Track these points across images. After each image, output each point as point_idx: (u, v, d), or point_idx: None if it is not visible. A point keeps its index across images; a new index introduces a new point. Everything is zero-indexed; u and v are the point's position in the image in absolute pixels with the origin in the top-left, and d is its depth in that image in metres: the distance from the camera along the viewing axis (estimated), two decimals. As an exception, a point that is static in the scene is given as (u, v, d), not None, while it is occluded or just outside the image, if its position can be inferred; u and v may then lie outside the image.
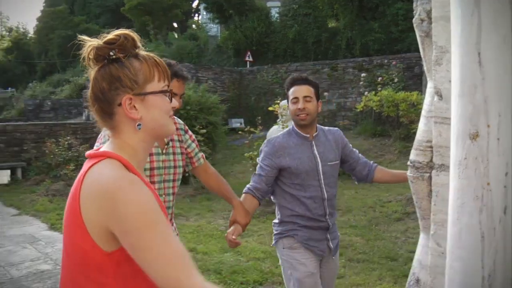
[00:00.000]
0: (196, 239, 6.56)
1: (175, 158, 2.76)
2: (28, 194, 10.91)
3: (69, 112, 22.93)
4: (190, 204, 9.03)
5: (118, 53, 1.47)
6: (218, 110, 11.93)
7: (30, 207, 9.44)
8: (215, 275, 5.05)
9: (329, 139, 2.99)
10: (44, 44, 43.46)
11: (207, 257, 5.70)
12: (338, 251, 3.07)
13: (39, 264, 5.93)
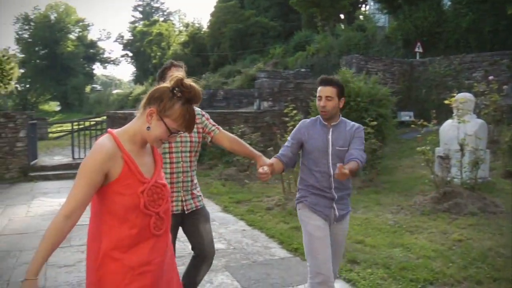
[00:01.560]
0: (364, 231, 6.53)
1: (191, 134, 3.50)
2: (202, 177, 11.67)
3: (240, 102, 23.89)
4: (357, 196, 8.99)
5: (177, 93, 2.19)
6: (389, 103, 11.67)
7: (205, 189, 10.07)
8: (383, 270, 4.99)
9: (347, 130, 3.58)
10: (216, 37, 45.82)
11: (375, 251, 5.64)
12: (345, 220, 3.67)
13: (214, 242, 6.33)
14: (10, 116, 12.87)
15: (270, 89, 15.20)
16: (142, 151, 2.29)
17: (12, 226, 7.50)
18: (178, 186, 3.50)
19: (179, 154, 3.49)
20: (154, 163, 2.36)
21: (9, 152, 12.65)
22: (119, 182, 2.15)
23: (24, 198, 9.88)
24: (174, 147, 3.46)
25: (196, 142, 3.58)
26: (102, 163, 2.10)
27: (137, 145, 2.25)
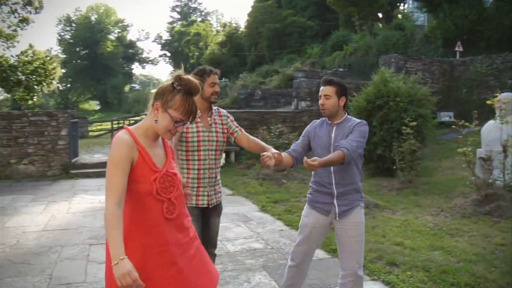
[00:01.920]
0: (403, 233, 6.43)
1: (217, 134, 3.82)
2: (240, 176, 11.74)
3: (278, 101, 23.90)
4: (396, 197, 8.88)
5: (177, 86, 2.48)
6: (428, 103, 11.48)
7: (242, 189, 10.12)
8: (423, 273, 4.89)
9: (347, 126, 3.71)
10: (254, 37, 45.90)
11: (414, 253, 5.54)
12: (352, 217, 3.70)
13: (252, 242, 6.34)
14: (53, 115, 13.18)
15: (308, 89, 15.17)
16: (155, 144, 2.59)
17: (54, 222, 7.68)
18: (204, 182, 3.77)
19: (206, 153, 3.76)
20: (165, 155, 2.65)
21: (51, 150, 12.97)
22: (135, 171, 2.44)
23: (66, 195, 10.10)
24: (202, 145, 3.74)
25: (221, 141, 3.87)
26: (128, 152, 2.41)
27: (150, 138, 2.54)
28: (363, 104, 11.36)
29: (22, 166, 12.83)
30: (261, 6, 45.31)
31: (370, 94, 11.37)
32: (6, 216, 8.11)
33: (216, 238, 4.08)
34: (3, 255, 5.88)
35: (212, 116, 3.86)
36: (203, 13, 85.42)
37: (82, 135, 22.29)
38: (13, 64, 25.02)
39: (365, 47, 26.47)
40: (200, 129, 3.75)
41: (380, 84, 11.34)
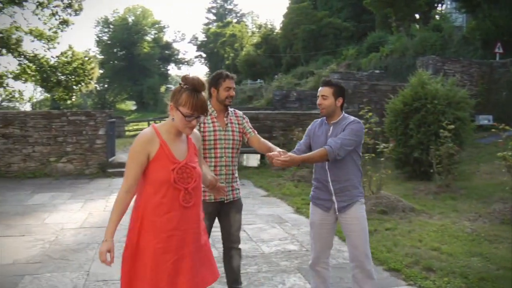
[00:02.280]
0: (440, 238, 6.31)
1: (233, 134, 4.06)
2: (275, 177, 11.71)
3: (313, 103, 23.68)
4: (433, 201, 8.73)
5: (184, 85, 2.78)
6: (467, 105, 11.26)
7: (277, 190, 10.10)
8: (461, 279, 4.79)
9: (342, 125, 3.83)
10: (289, 38, 45.84)
11: (452, 259, 5.43)
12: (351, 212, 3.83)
13: (287, 244, 6.31)
14: (91, 115, 13.43)
15: (344, 91, 15.05)
16: (177, 139, 2.87)
17: (92, 219, 7.82)
18: (221, 178, 3.92)
19: (223, 150, 4.00)
20: (187, 150, 2.91)
21: (89, 149, 13.21)
22: (156, 161, 2.76)
23: (102, 193, 10.28)
24: (219, 144, 3.98)
25: (237, 140, 4.10)
26: (144, 146, 2.75)
27: (172, 134, 2.85)
28: (400, 106, 11.22)
29: (61, 164, 13.11)
30: (296, 7, 45.26)
31: (407, 96, 11.22)
32: (45, 213, 8.30)
33: (239, 233, 4.22)
34: (42, 251, 6.01)
35: (229, 117, 4.11)
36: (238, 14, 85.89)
37: (119, 134, 22.64)
38: (53, 65, 25.58)
39: (401, 48, 26.14)
40: (217, 129, 4.00)
41: (418, 86, 11.18)
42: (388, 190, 8.93)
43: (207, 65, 78.91)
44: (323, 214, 3.91)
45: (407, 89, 11.47)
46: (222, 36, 68.51)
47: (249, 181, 11.62)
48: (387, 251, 5.68)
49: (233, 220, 4.14)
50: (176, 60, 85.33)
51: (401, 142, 11.03)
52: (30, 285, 4.81)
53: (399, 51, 26.20)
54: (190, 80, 2.78)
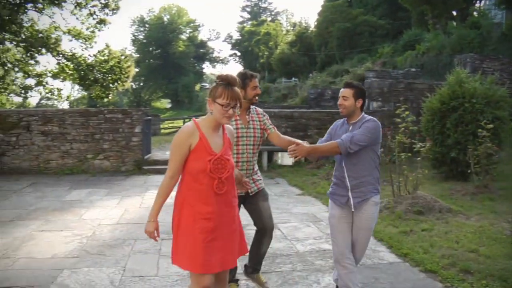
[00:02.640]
0: (477, 240, 6.17)
1: (254, 131, 4.32)
2: (309, 176, 11.67)
3: (348, 102, 23.61)
4: (470, 202, 8.56)
5: (219, 81, 3.20)
6: (506, 105, 10.96)
7: (312, 189, 10.06)
8: (499, 282, 4.67)
9: (360, 124, 4.02)
10: (324, 36, 45.58)
11: (490, 261, 5.30)
12: (364, 210, 4.02)
13: (321, 243, 6.28)
14: (127, 112, 13.62)
15: (380, 89, 14.88)
16: (215, 134, 3.25)
17: (128, 216, 7.93)
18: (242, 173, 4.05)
19: (244, 147, 4.27)
20: (223, 144, 3.27)
21: (125, 146, 13.41)
22: (195, 152, 3.15)
23: (138, 190, 10.42)
24: (241, 141, 4.24)
25: (258, 137, 4.37)
26: (186, 138, 3.15)
27: (211, 128, 3.22)
28: (437, 105, 11.02)
29: (98, 161, 13.35)
30: (331, 5, 44.94)
31: (444, 95, 11.01)
32: (83, 209, 8.46)
33: (271, 221, 4.48)
34: (80, 246, 6.13)
35: (250, 114, 4.37)
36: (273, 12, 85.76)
37: (154, 132, 22.89)
38: (91, 63, 26.00)
39: (438, 46, 25.69)
40: (239, 126, 4.25)
41: (455, 85, 10.96)
42: (424, 190, 8.81)
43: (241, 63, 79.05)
44: (341, 209, 4.12)
45: (444, 88, 11.25)
46: (256, 35, 68.54)
47: (283, 179, 11.62)
48: (424, 252, 5.60)
49: (263, 209, 4.42)
50: (210, 58, 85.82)
51: (438, 141, 10.84)
52: (68, 279, 4.92)
53: (435, 49, 25.76)
54: (224, 76, 3.23)
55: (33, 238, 6.50)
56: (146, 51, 76.15)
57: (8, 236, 6.59)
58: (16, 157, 13.09)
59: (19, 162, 13.10)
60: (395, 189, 8.37)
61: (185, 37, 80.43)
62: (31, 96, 42.92)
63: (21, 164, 13.10)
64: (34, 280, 4.86)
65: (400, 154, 8.28)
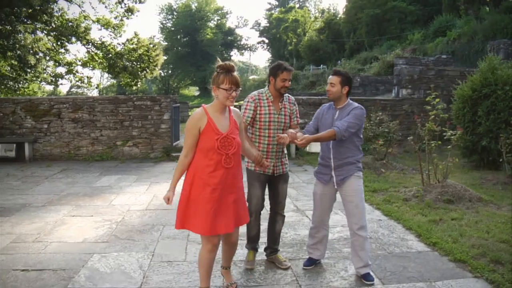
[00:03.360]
0: (509, 230, 6.04)
1: (285, 117, 4.73)
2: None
3: (377, 89, 23.37)
4: (502, 192, 8.39)
5: (219, 70, 3.71)
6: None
7: (340, 177, 9.97)
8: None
9: (347, 110, 4.52)
10: (352, 23, 45.15)
11: (523, 252, 5.23)
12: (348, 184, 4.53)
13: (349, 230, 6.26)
14: (156, 100, 13.72)
15: (410, 76, 14.68)
16: (222, 116, 3.80)
17: (156, 202, 8.01)
18: (272, 154, 4.69)
19: (275, 131, 4.65)
20: (229, 125, 3.80)
21: (154, 133, 13.52)
22: (204, 133, 3.71)
23: (167, 176, 10.50)
24: (272, 125, 4.65)
25: (288, 123, 4.76)
26: (195, 123, 3.72)
27: (218, 112, 3.79)
28: (468, 92, 10.82)
29: (127, 148, 13.50)
30: (361, -9, 44.38)
31: (476, 82, 10.79)
32: (112, 194, 8.58)
33: (284, 201, 4.94)
34: (110, 231, 6.22)
35: (283, 102, 4.75)
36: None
37: (183, 119, 22.96)
38: (120, 52, 26.20)
39: (470, 32, 25.20)
40: (272, 112, 4.65)
41: (488, 72, 10.72)
42: (454, 179, 8.69)
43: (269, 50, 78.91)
44: (324, 186, 4.68)
45: (476, 75, 11.04)
46: (284, 22, 68.24)
47: (311, 166, 11.57)
48: (453, 242, 5.52)
49: (281, 190, 4.85)
50: (238, 46, 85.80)
51: (469, 129, 10.66)
52: (98, 263, 5.00)
53: (467, 35, 25.27)
54: (223, 65, 3.73)
55: (64, 223, 6.63)
56: (174, 39, 76.46)
57: (40, 221, 6.73)
58: (47, 144, 13.34)
59: (50, 149, 13.34)
60: (425, 178, 8.28)
61: (213, 24, 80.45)
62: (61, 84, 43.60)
63: (52, 151, 13.34)
64: (65, 264, 4.95)
65: (430, 142, 8.18)
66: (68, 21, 24.81)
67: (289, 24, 66.71)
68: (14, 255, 5.24)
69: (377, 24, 40.37)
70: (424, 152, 8.35)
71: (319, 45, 50.88)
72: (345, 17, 49.12)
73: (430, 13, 37.10)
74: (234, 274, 4.62)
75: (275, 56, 72.03)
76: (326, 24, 54.08)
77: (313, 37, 54.48)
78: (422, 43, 31.16)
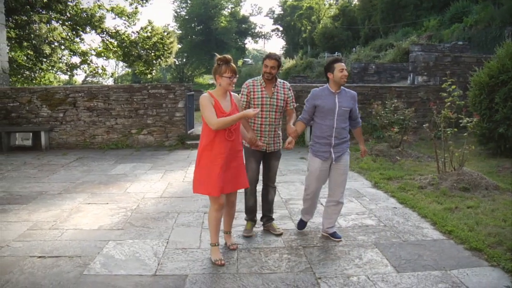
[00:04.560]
0: (526, 218, 6.01)
1: (277, 101, 5.37)
2: (353, 152, 11.42)
3: (392, 76, 23.15)
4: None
5: (220, 62, 4.52)
6: (560, 78, 10.53)
7: (355, 164, 9.93)
8: None
9: (347, 95, 5.22)
10: (367, 10, 44.68)
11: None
12: (343, 160, 5.24)
13: (364, 218, 6.23)
14: (171, 88, 13.74)
15: (425, 63, 14.52)
16: (224, 99, 4.62)
17: (171, 189, 8.05)
18: (265, 133, 5.37)
19: (267, 113, 5.35)
20: (230, 106, 4.64)
21: (168, 122, 13.56)
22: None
23: (181, 164, 10.54)
24: (265, 108, 5.33)
25: (281, 106, 5.41)
26: (208, 99, 4.52)
27: (220, 96, 4.61)
28: (485, 79, 10.68)
29: (142, 136, 13.56)
30: (375, -22, 43.88)
31: (494, 68, 10.64)
32: (127, 182, 8.64)
33: (275, 176, 5.65)
34: (125, 218, 6.27)
35: (276, 87, 5.39)
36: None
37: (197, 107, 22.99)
38: (134, 40, 26.29)
39: (487, 18, 24.80)
40: (264, 96, 5.33)
41: (505, 58, 10.55)
42: (470, 167, 8.61)
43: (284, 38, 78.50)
44: (322, 163, 5.23)
45: (493, 61, 10.88)
46: (299, 9, 67.78)
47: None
48: (469, 230, 5.47)
49: (272, 166, 5.57)
50: (253, 34, 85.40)
51: (486, 117, 10.53)
52: (114, 250, 5.04)
53: (484, 21, 24.88)
54: (223, 58, 4.54)
55: (80, 211, 6.69)
56: (188, 27, 76.34)
57: (57, 208, 6.79)
58: (63, 133, 13.44)
59: (66, 137, 13.45)
60: (440, 165, 8.21)
61: (227, 12, 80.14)
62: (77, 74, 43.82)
63: (68, 139, 13.45)
64: (81, 251, 5.00)
65: (445, 129, 8.10)
66: (83, 11, 24.91)
67: (304, 12, 66.28)
68: (31, 242, 5.31)
69: (392, 11, 39.88)
70: (440, 139, 8.28)
71: (333, 33, 50.49)
72: (360, 3, 48.61)
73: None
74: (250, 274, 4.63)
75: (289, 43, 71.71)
76: (341, 11, 53.66)
77: (327, 24, 54.09)
78: (438, 30, 30.77)
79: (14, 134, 13.04)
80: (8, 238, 5.48)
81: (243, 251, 5.01)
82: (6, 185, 8.52)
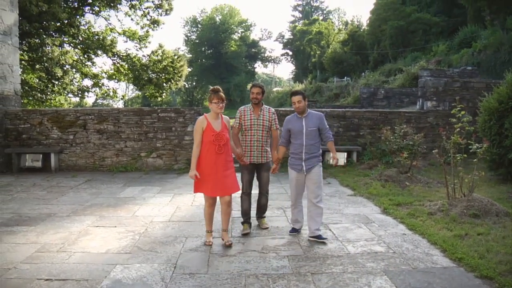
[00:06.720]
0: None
1: (263, 121, 6.70)
2: (361, 177, 11.48)
3: (401, 101, 23.16)
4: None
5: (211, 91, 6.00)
6: None
7: (364, 189, 9.88)
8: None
9: (314, 117, 6.38)
10: (376, 35, 44.97)
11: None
12: (313, 171, 6.32)
13: (373, 245, 6.16)
14: (180, 112, 13.81)
15: (434, 88, 14.52)
16: (216, 121, 5.89)
17: (179, 213, 8.04)
18: (254, 148, 6.67)
19: (256, 132, 6.68)
20: (220, 126, 5.88)
21: (177, 145, 13.61)
22: (206, 131, 5.83)
23: (190, 188, 10.43)
24: (253, 127, 6.68)
25: (266, 126, 6.74)
26: (200, 124, 5.83)
27: (213, 118, 5.89)
28: (495, 104, 10.65)
29: (151, 159, 13.60)
30: (384, 3, 44.29)
31: (503, 94, 10.62)
32: (136, 205, 8.64)
33: (267, 185, 6.96)
34: (133, 242, 6.26)
35: (262, 112, 6.76)
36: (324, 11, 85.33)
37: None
38: (145, 64, 26.50)
39: (496, 43, 24.87)
40: (252, 117, 6.71)
41: (515, 84, 10.55)
42: (480, 193, 8.54)
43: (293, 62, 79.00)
44: (297, 174, 6.38)
45: (502, 87, 10.86)
46: (308, 34, 68.30)
47: (335, 179, 11.50)
48: (479, 257, 5.41)
49: (263, 175, 6.86)
50: (262, 58, 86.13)
51: (496, 142, 10.47)
52: (121, 274, 5.03)
53: (493, 46, 24.95)
54: (213, 88, 5.93)
55: (88, 233, 6.69)
56: (198, 51, 77.12)
57: (65, 231, 6.81)
58: (73, 155, 13.52)
59: (75, 159, 13.52)
60: (450, 191, 8.15)
61: (237, 37, 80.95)
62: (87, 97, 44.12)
63: (77, 161, 13.52)
64: (88, 274, 4.99)
65: (455, 155, 8.06)
66: (95, 34, 25.22)
67: (313, 36, 66.75)
68: (38, 264, 5.31)
69: (401, 36, 40.15)
70: (450, 165, 8.23)
71: (343, 57, 50.77)
72: (369, 29, 48.96)
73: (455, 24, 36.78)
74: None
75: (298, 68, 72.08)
76: (350, 36, 53.98)
77: (337, 49, 54.40)
78: (447, 55, 30.88)
79: (24, 155, 13.14)
80: (16, 260, 5.50)
81: (251, 277, 4.96)
82: (15, 206, 8.57)
